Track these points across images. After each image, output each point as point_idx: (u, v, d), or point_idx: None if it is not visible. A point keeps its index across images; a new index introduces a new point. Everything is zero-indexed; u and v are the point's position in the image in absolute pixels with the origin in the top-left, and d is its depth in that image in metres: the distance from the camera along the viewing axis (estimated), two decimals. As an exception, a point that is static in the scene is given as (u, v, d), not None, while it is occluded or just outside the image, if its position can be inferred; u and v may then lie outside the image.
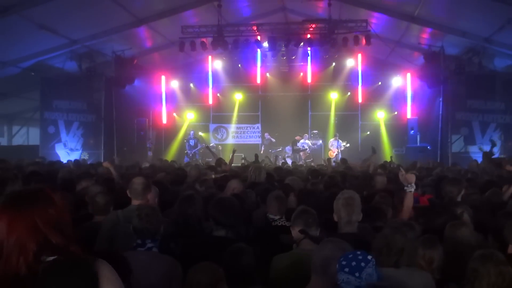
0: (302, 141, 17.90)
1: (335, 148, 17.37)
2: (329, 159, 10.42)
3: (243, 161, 11.79)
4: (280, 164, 11.79)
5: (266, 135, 18.47)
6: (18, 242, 1.48)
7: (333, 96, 18.79)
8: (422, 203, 4.39)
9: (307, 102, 19.38)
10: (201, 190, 5.15)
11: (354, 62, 18.54)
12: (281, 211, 3.76)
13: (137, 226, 2.94)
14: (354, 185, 5.40)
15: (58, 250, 1.50)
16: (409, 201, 3.81)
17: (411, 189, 3.83)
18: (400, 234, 2.63)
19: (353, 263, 2.07)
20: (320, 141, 18.47)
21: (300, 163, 15.39)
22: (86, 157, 14.81)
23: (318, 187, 5.20)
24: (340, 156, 16.80)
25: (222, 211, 3.09)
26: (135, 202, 3.67)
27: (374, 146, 10.88)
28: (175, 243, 3.16)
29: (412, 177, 3.89)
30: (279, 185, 5.24)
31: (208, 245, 3.05)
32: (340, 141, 17.49)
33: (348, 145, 17.49)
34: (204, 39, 14.30)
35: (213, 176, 6.44)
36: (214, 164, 7.92)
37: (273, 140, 18.18)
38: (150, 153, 17.69)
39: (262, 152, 17.52)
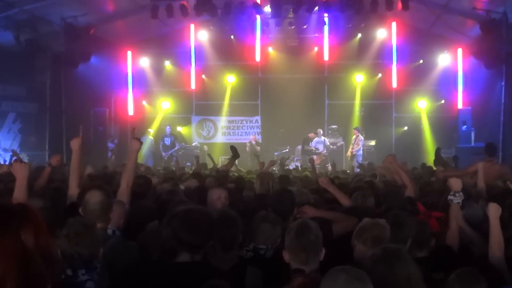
0: (316, 139, 17.97)
1: (354, 147, 17.43)
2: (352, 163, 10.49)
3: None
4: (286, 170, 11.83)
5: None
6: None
7: (359, 79, 18.86)
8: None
9: (323, 87, 19.42)
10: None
11: (386, 34, 18.62)
12: (271, 239, 3.82)
13: (65, 251, 2.91)
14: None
15: None
16: (454, 217, 3.85)
17: (457, 199, 3.84)
18: None
19: None
20: (341, 140, 18.49)
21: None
22: (25, 160, 14.81)
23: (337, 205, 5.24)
24: (360, 159, 16.82)
25: (187, 226, 3.09)
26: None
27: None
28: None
29: (456, 183, 3.91)
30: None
31: (166, 275, 3.06)
32: (362, 137, 17.57)
33: (370, 148, 17.43)
34: (184, 2, 14.34)
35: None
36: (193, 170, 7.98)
37: (257, 148, 17.94)
38: (111, 156, 17.69)
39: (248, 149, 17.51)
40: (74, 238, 2.93)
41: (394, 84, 18.75)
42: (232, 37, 18.84)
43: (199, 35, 19.17)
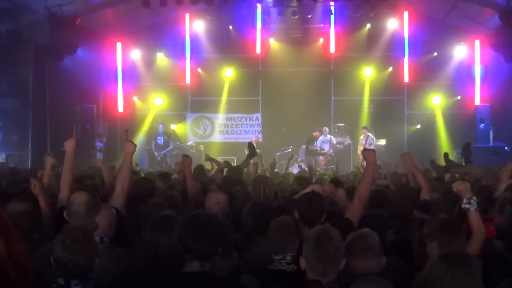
0: (321, 138, 17.95)
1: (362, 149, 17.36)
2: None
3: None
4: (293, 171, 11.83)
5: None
6: None
7: (367, 73, 18.86)
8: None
9: (329, 82, 19.42)
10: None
11: (397, 24, 18.62)
12: (288, 247, 3.89)
13: (60, 258, 2.91)
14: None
15: None
16: (476, 224, 3.82)
17: (473, 205, 3.82)
18: None
19: None
20: (348, 139, 18.50)
21: (318, 169, 15.41)
22: (4, 161, 14.81)
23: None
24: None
25: (196, 232, 3.09)
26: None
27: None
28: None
29: (464, 187, 3.88)
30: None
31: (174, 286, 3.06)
32: (372, 136, 17.55)
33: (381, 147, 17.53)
34: (179, -11, 14.32)
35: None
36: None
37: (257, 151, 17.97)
38: (100, 155, 17.68)
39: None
40: (70, 245, 2.94)
41: (406, 79, 18.74)
42: (230, 27, 18.82)
43: (194, 26, 19.13)
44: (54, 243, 3.00)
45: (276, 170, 11.38)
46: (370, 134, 17.59)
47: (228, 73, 19.29)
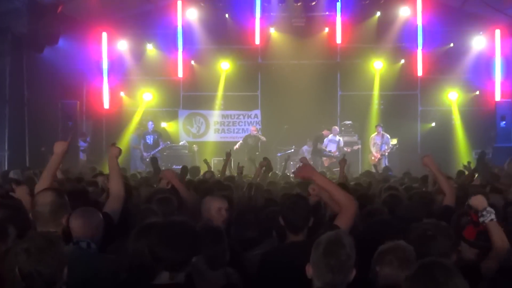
0: (330, 137, 17.92)
1: (377, 149, 17.45)
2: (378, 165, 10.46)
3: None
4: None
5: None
6: None
7: (377, 66, 18.89)
8: None
9: (336, 75, 19.44)
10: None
11: (410, 12, 18.63)
12: None
13: (24, 268, 2.89)
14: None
15: None
16: (494, 236, 3.87)
17: (489, 216, 3.88)
18: None
19: None
20: (358, 143, 18.38)
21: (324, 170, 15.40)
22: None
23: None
24: (386, 161, 16.78)
25: (165, 240, 3.12)
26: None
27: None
28: None
29: (479, 201, 3.96)
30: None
31: None
32: (388, 136, 17.55)
33: (396, 144, 17.58)
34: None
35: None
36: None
37: (263, 138, 18.13)
38: (83, 156, 17.69)
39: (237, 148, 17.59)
40: (35, 253, 2.91)
41: (420, 72, 18.74)
42: (226, 15, 18.85)
43: (187, 14, 19.13)
44: (17, 252, 2.97)
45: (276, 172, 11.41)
46: (385, 133, 17.59)
47: (224, 66, 19.27)
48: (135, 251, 3.63)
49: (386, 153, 17.32)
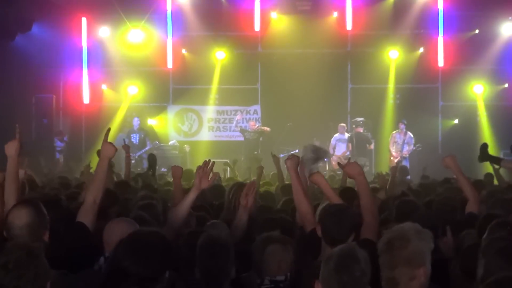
0: (337, 136, 18.01)
1: (397, 148, 17.38)
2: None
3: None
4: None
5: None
6: None
7: (393, 55, 18.86)
8: None
9: (346, 66, 19.45)
10: None
11: (430, -6, 18.57)
12: (285, 264, 4.18)
13: (2, 285, 2.93)
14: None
15: None
16: None
17: None
18: None
19: None
20: (372, 143, 18.28)
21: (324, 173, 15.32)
22: None
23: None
24: (407, 163, 16.68)
25: (133, 252, 3.12)
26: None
27: None
28: None
29: None
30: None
31: None
32: (411, 135, 17.57)
33: (420, 146, 17.63)
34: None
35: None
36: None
37: (266, 129, 18.19)
38: (60, 157, 17.67)
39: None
40: (14, 269, 2.94)
41: (441, 62, 18.74)
42: (222, -2, 18.84)
43: (178, -4, 19.15)
44: None
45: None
46: (408, 132, 17.62)
47: (220, 55, 19.23)
48: (109, 265, 3.59)
49: (407, 155, 17.31)
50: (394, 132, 17.88)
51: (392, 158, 17.41)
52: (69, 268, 4.06)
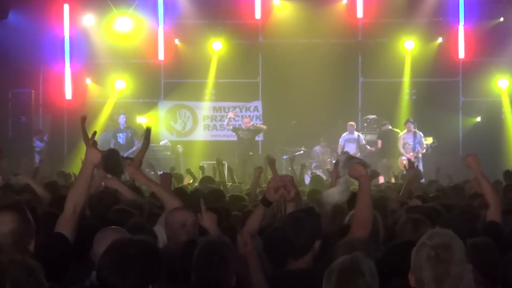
0: (346, 135, 18.02)
1: (408, 149, 17.46)
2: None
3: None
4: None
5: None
6: None
7: (408, 46, 18.93)
8: None
9: (356, 57, 19.57)
10: None
11: (449, -22, 18.67)
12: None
13: None
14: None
15: None
16: None
17: None
18: None
19: None
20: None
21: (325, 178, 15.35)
22: None
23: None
24: (420, 164, 16.61)
25: (112, 263, 3.20)
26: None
27: None
28: None
29: None
30: None
31: None
32: (421, 134, 17.53)
33: (434, 142, 17.56)
34: None
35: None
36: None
37: (262, 127, 18.28)
38: (39, 158, 17.60)
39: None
40: (13, 285, 2.86)
41: (461, 54, 18.85)
42: (219, -17, 18.92)
43: (170, -19, 19.21)
44: None
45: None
46: (417, 131, 17.58)
47: (217, 46, 19.35)
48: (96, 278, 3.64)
49: (420, 155, 17.29)
50: (402, 133, 17.85)
51: (404, 161, 17.31)
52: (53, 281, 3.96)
